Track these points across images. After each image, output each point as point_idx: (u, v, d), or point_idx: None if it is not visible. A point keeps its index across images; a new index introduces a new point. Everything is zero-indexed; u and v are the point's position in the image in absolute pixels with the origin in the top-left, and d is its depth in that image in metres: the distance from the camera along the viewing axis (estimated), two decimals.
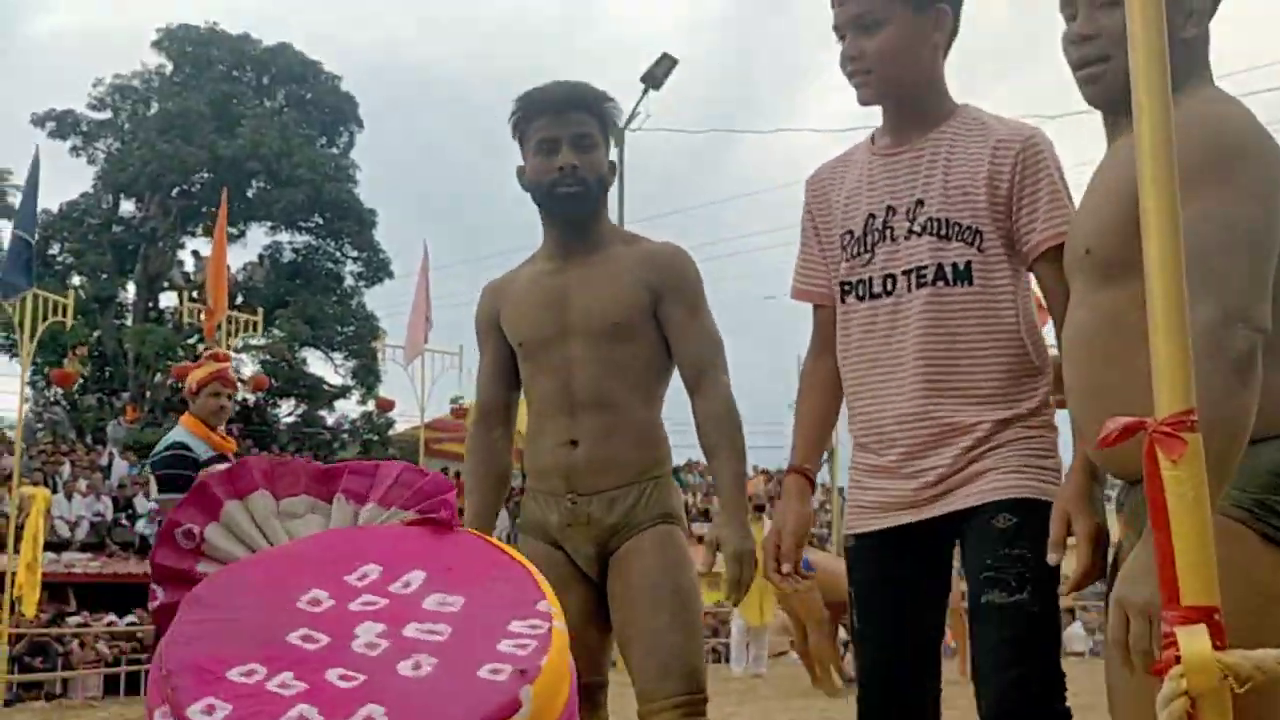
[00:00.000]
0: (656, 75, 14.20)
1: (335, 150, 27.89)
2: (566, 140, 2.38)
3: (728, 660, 12.59)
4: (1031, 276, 2.02)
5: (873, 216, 2.05)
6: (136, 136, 25.68)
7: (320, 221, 27.02)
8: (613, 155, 2.53)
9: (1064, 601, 6.60)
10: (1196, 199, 1.42)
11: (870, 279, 2.05)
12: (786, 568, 2.10)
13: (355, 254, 27.46)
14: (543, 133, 2.39)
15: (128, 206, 26.29)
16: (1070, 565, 1.82)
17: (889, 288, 2.02)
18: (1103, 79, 1.70)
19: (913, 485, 1.98)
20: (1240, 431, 1.39)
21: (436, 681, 0.87)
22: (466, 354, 14.52)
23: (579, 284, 2.42)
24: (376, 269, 27.41)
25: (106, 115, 26.62)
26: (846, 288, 2.09)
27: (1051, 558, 1.81)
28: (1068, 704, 1.87)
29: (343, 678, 0.87)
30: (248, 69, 27.65)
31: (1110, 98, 1.69)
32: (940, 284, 1.97)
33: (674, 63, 14.17)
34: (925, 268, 1.98)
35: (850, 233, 2.08)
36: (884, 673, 2.04)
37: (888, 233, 2.03)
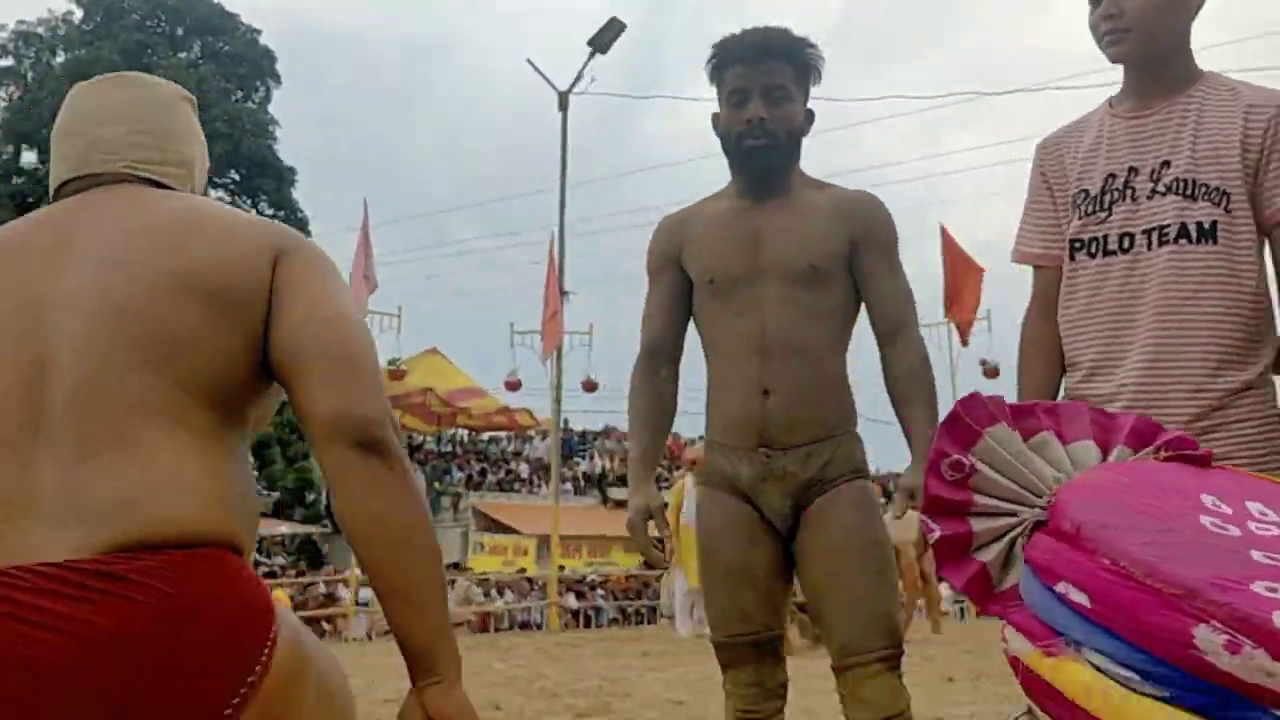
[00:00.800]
0: (604, 40, 14.17)
1: (252, 105, 27.19)
2: (757, 91, 2.31)
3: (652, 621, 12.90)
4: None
5: (1112, 176, 2.07)
6: (43, 85, 24.69)
7: (237, 177, 26.38)
8: (810, 104, 2.42)
9: None
10: None
11: (1106, 236, 2.06)
12: None
13: (273, 211, 26.86)
14: (735, 82, 2.33)
15: (29, 157, 25.30)
16: None
17: (1125, 245, 2.04)
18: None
19: None
20: None
21: None
22: (406, 314, 14.38)
23: (772, 225, 2.34)
24: (294, 227, 26.77)
25: (8, 63, 25.54)
26: (1077, 244, 2.10)
27: None
28: None
29: None
30: (162, 19, 26.77)
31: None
32: (1183, 241, 1.99)
33: (622, 27, 14.15)
34: (1168, 226, 2.00)
35: (1085, 192, 2.10)
36: None
37: (1129, 192, 2.05)
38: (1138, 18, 2.01)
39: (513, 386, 16.42)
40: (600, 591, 18.32)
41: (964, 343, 14.76)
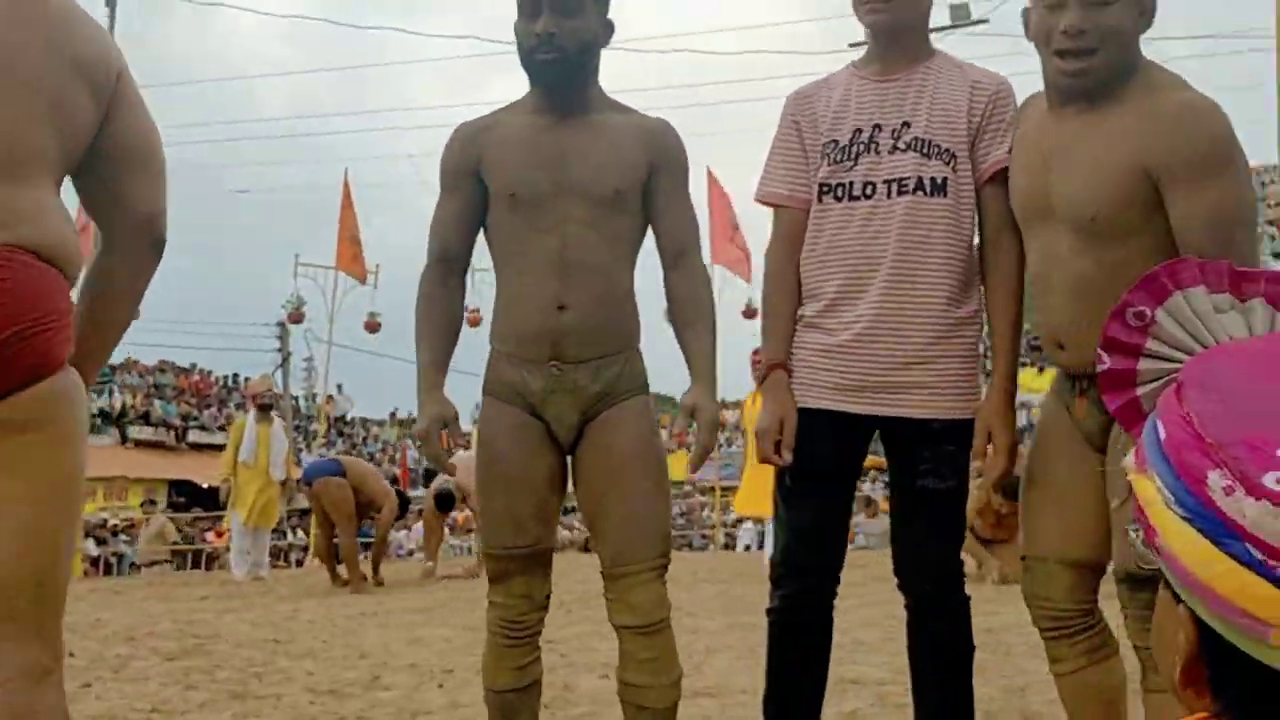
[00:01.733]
0: None
1: None
2: (547, 3, 2.28)
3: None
4: None
5: (859, 130, 2.31)
6: None
7: None
8: (610, 14, 2.41)
9: None
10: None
11: (851, 183, 2.30)
12: (788, 455, 2.28)
13: None
14: None
15: None
16: None
17: (869, 192, 2.29)
18: (1092, 71, 2.03)
19: (866, 368, 2.27)
20: None
21: None
22: None
23: (578, 145, 2.35)
24: None
25: None
26: (825, 189, 2.33)
27: (975, 465, 2.28)
28: None
29: None
30: None
31: (1096, 81, 2.05)
32: (919, 193, 2.26)
33: None
34: (907, 179, 2.27)
35: (835, 142, 2.32)
36: (813, 545, 2.34)
37: (873, 146, 2.30)
38: None
39: None
40: (124, 537, 17.01)
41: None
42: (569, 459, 2.42)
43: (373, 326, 16.31)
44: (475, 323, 16.12)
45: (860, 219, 2.30)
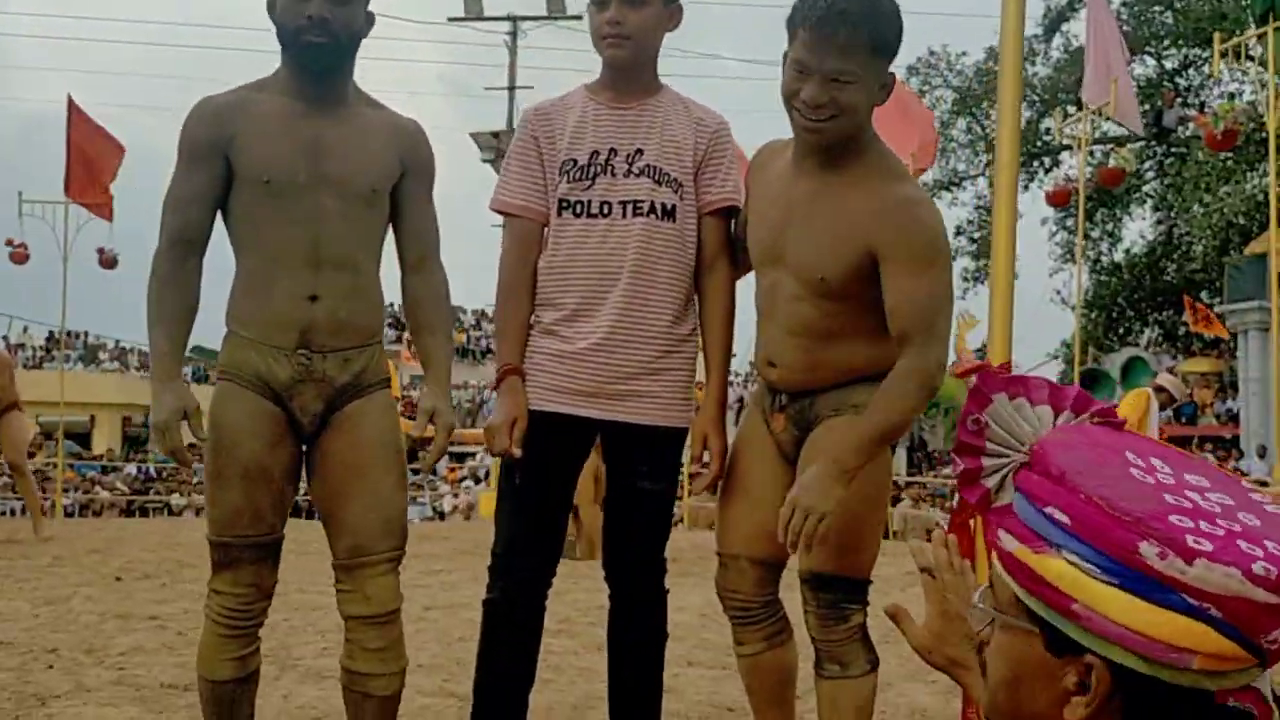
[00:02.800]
0: None
1: None
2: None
3: None
4: None
5: (597, 153, 2.46)
6: None
7: None
8: (371, 5, 2.41)
9: None
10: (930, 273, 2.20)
11: (589, 201, 2.45)
12: (518, 451, 2.40)
13: None
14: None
15: None
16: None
17: (605, 211, 2.45)
18: (826, 132, 2.23)
19: (600, 376, 2.43)
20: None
21: (1266, 518, 1.00)
22: None
23: (335, 137, 2.36)
24: None
25: None
26: (564, 204, 2.47)
27: (693, 466, 2.50)
28: None
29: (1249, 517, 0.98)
30: None
31: (827, 145, 2.26)
32: (652, 217, 2.45)
33: None
34: (642, 202, 2.44)
35: (574, 160, 2.46)
36: (534, 536, 2.49)
37: (609, 168, 2.46)
38: (637, 30, 2.42)
39: None
40: None
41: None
42: (304, 448, 2.43)
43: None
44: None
45: (598, 236, 2.46)
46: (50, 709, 3.37)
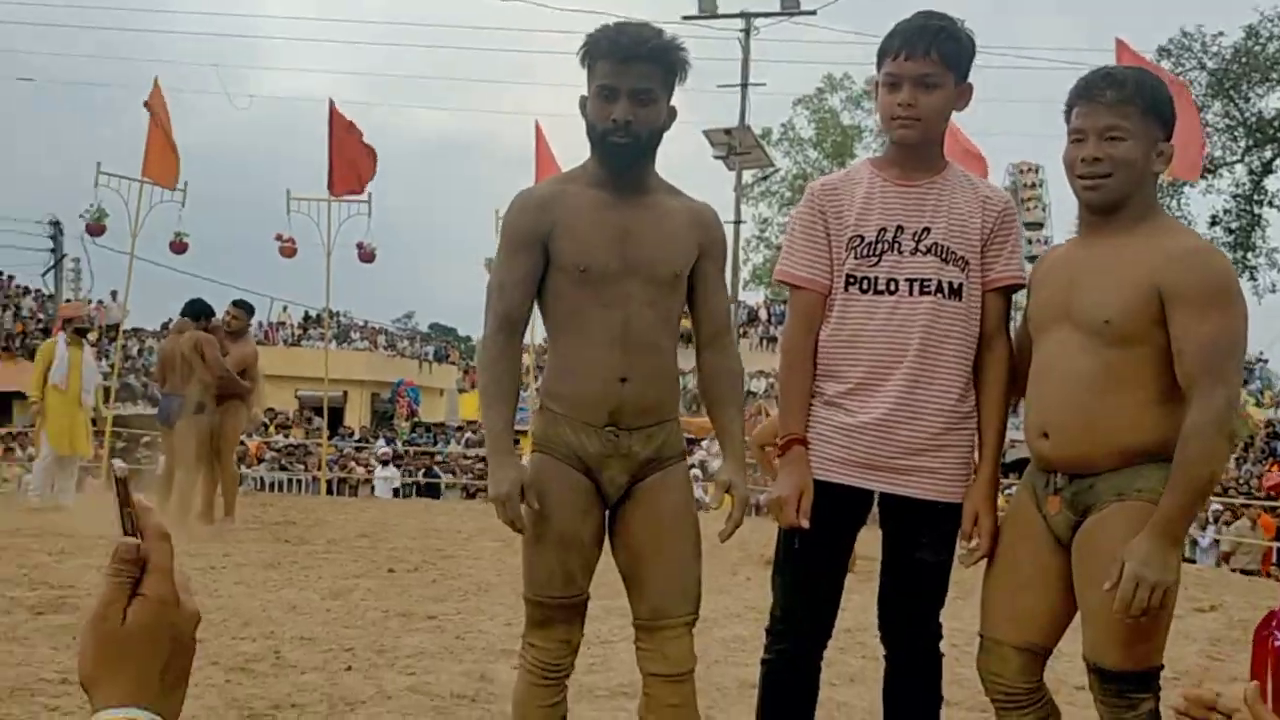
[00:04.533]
0: None
1: None
2: (625, 92, 2.41)
3: None
4: None
5: (884, 230, 2.54)
6: None
7: None
8: (674, 101, 2.55)
9: None
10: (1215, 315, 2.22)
11: (876, 278, 2.53)
12: (805, 521, 2.49)
13: None
14: (604, 79, 2.42)
15: None
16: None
17: (892, 288, 2.52)
18: (1104, 189, 2.35)
19: (884, 450, 2.50)
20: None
21: None
22: None
23: (639, 226, 2.50)
24: None
25: None
26: (851, 280, 2.54)
27: (961, 544, 2.54)
28: None
29: None
30: None
31: (1106, 202, 2.36)
32: (939, 295, 2.51)
33: None
34: (929, 280, 2.51)
35: (861, 237, 2.54)
36: (812, 604, 2.59)
37: (896, 245, 2.53)
38: (928, 113, 2.49)
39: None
40: None
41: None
42: (606, 514, 2.59)
43: (179, 247, 15.52)
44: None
45: (885, 311, 2.53)
46: (358, 715, 3.67)
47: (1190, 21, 28.05)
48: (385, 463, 18.82)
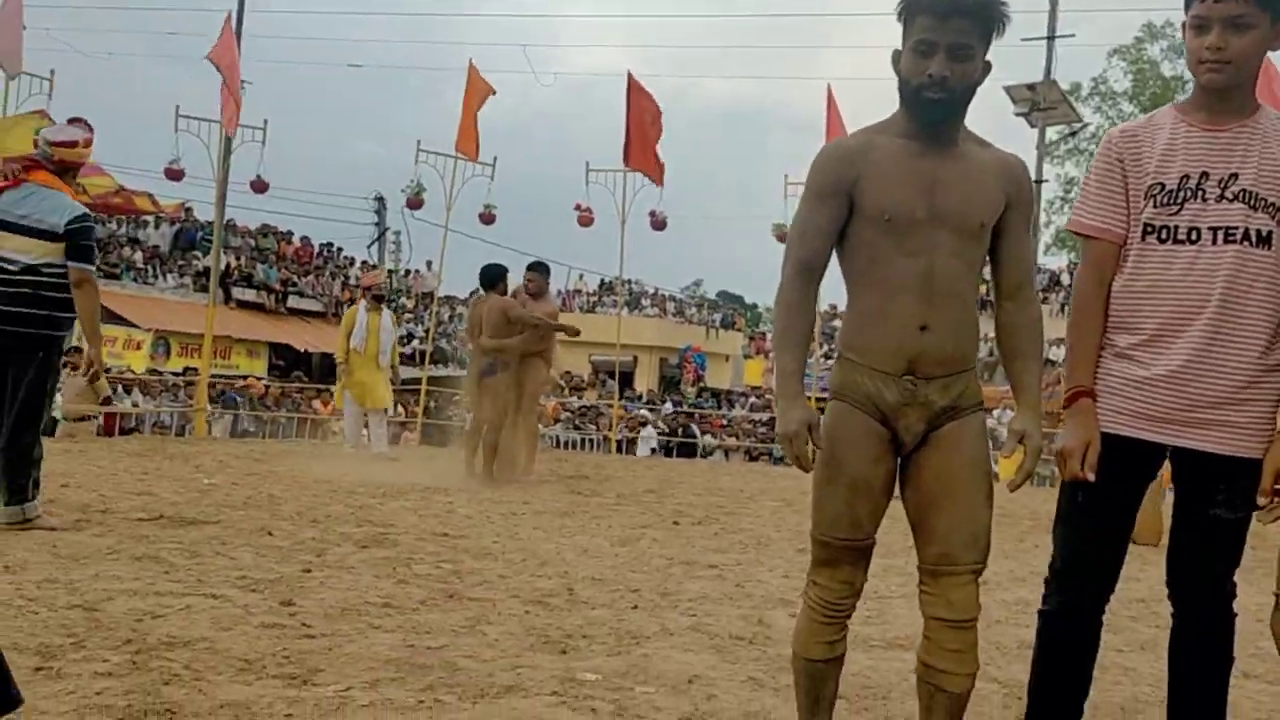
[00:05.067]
0: None
1: None
2: (943, 47, 2.40)
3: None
4: None
5: (1187, 177, 2.46)
6: None
7: None
8: (989, 56, 2.51)
9: None
10: None
11: (1176, 227, 2.46)
12: (1091, 475, 2.48)
13: None
14: (922, 33, 2.42)
15: None
16: None
17: (1193, 238, 2.45)
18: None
19: (1178, 403, 2.45)
20: None
21: None
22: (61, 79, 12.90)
23: (947, 176, 2.49)
24: None
25: None
26: (1149, 229, 2.49)
27: (1260, 500, 2.44)
28: None
29: None
30: None
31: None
32: (1246, 244, 2.42)
33: None
34: (1235, 229, 2.42)
35: (1161, 185, 2.47)
36: (1095, 557, 2.56)
37: (1200, 194, 2.45)
38: (1239, 56, 2.41)
39: (174, 175, 15.25)
40: (240, 399, 17.74)
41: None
42: (899, 460, 2.59)
43: (488, 218, 16.54)
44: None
45: (1184, 262, 2.46)
46: (645, 649, 3.88)
47: None
48: (644, 424, 19.34)
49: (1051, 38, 20.32)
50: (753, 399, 24.17)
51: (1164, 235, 2.48)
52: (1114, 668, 4.00)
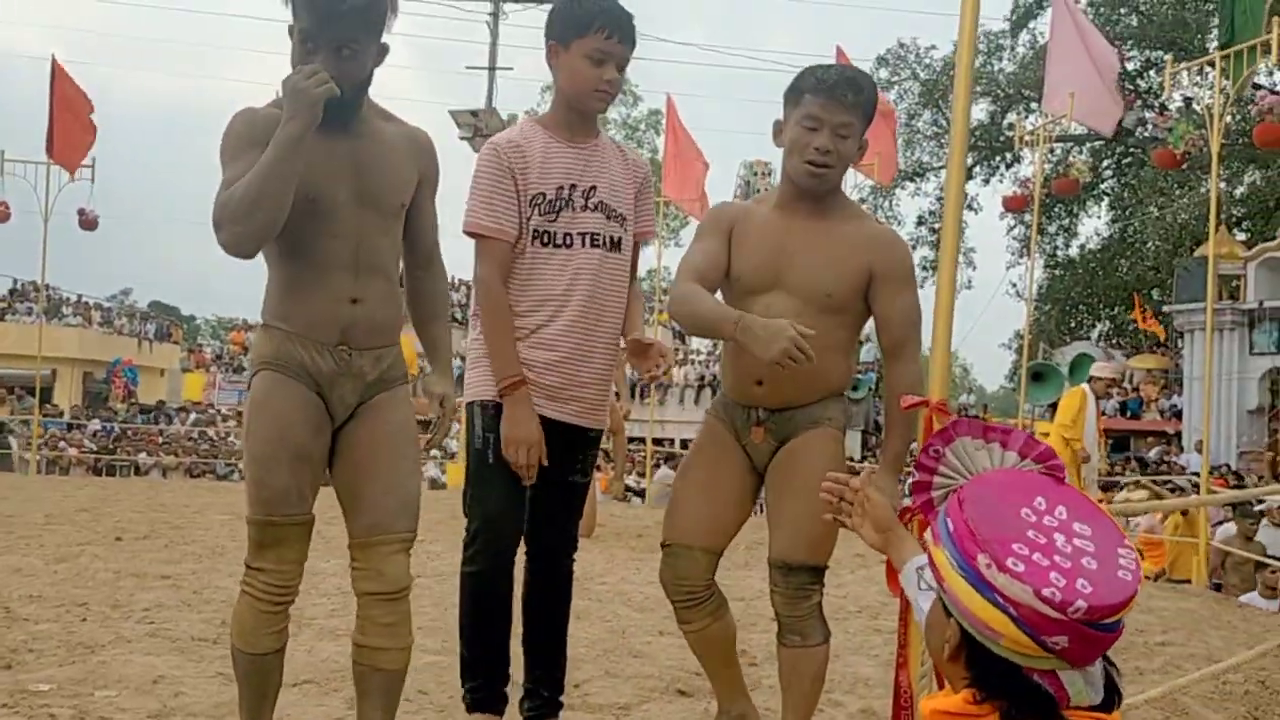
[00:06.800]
0: None
1: None
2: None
3: None
4: None
5: (561, 187, 2.80)
6: None
7: None
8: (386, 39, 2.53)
9: None
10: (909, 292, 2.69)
11: (555, 232, 2.80)
12: (534, 475, 2.78)
13: None
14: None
15: None
16: None
17: (568, 242, 2.80)
18: (826, 180, 2.70)
19: (567, 381, 2.82)
20: None
21: (1104, 565, 1.42)
22: None
23: (366, 158, 2.54)
24: None
25: None
26: (535, 235, 2.79)
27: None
28: None
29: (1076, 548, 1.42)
30: None
31: (825, 190, 2.73)
32: (607, 248, 2.84)
33: None
34: (598, 234, 2.83)
35: (543, 194, 2.79)
36: (510, 514, 2.83)
37: (571, 203, 2.81)
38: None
39: None
40: None
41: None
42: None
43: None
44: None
45: (559, 263, 2.80)
46: (101, 657, 3.73)
47: (906, 34, 30.51)
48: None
49: (492, 69, 21.67)
50: (194, 415, 22.93)
51: (545, 240, 2.81)
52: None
